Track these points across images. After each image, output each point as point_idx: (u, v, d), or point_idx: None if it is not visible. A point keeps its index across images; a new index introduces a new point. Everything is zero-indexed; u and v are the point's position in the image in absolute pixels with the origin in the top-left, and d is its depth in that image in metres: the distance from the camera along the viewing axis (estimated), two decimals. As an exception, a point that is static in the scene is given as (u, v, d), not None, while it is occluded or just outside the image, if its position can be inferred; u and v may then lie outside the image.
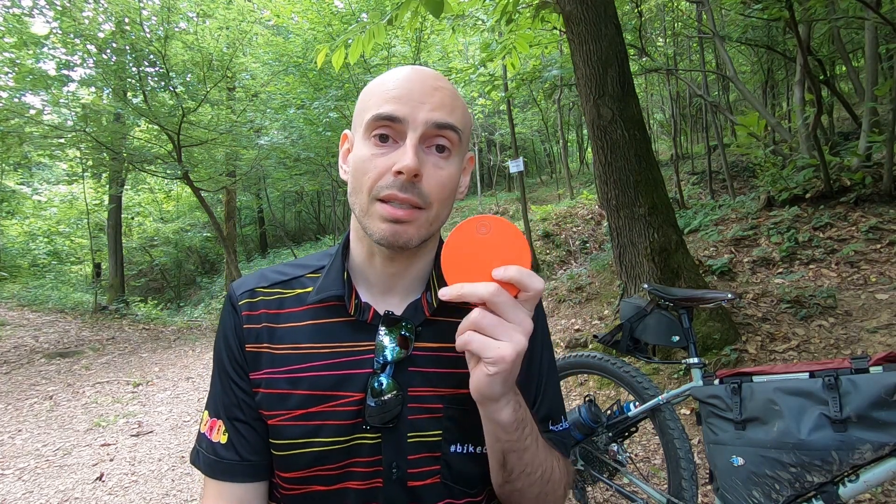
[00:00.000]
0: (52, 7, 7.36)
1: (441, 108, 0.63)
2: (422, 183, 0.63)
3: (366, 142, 0.65)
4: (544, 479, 0.68)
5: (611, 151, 3.36)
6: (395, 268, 0.70)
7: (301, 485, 0.68)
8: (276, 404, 0.68)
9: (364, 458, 0.66)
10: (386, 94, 0.63)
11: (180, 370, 5.96)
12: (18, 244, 15.14)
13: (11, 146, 8.35)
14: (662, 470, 2.46)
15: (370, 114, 0.64)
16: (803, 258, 4.12)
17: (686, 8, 8.90)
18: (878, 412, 1.20)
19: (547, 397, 0.78)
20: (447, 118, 0.64)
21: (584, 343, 4.14)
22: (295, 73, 9.82)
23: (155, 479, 3.16)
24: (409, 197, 0.62)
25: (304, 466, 0.67)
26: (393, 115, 0.62)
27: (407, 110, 0.62)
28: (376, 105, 0.64)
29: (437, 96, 0.64)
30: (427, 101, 0.63)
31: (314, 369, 0.68)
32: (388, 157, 0.63)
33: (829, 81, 5.78)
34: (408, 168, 0.60)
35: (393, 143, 0.64)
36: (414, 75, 0.65)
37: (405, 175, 0.61)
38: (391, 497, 0.67)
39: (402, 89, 0.63)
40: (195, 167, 10.10)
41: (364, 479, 0.66)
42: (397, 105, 0.62)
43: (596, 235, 7.49)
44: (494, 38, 5.64)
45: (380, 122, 0.63)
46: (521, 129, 15.02)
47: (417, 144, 0.62)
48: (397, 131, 0.63)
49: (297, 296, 0.72)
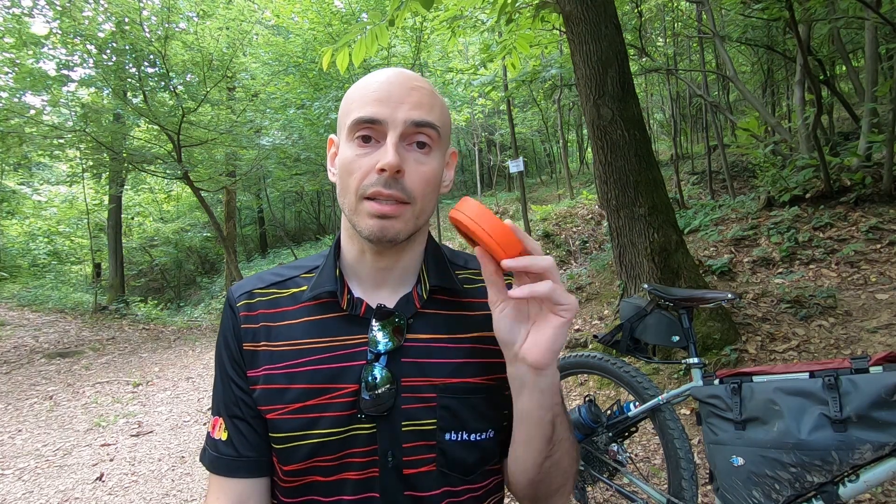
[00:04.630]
0: (52, 7, 7.36)
1: (419, 107, 0.67)
2: (405, 179, 0.66)
3: (350, 144, 0.68)
4: (572, 445, 0.73)
5: (611, 151, 3.36)
6: (384, 262, 0.73)
7: (300, 476, 0.70)
8: (274, 399, 0.70)
9: (360, 448, 0.68)
10: (366, 98, 0.67)
11: (180, 370, 5.96)
12: (18, 244, 15.15)
13: (11, 146, 8.35)
14: (662, 470, 2.46)
15: (352, 117, 0.67)
16: (803, 258, 4.12)
17: (686, 8, 8.90)
18: (878, 412, 1.20)
19: None
20: (426, 116, 0.67)
21: (584, 343, 4.14)
22: (295, 73, 9.83)
23: (155, 479, 3.16)
24: (394, 192, 0.65)
25: (302, 458, 0.68)
26: (373, 118, 0.65)
27: (387, 111, 0.65)
28: (358, 109, 0.67)
29: (415, 96, 0.67)
30: (405, 100, 0.66)
31: (310, 363, 0.70)
32: (371, 157, 0.66)
33: (829, 81, 5.78)
34: (389, 165, 0.63)
35: (375, 143, 0.67)
36: (393, 77, 0.68)
37: (388, 172, 0.64)
38: (388, 486, 0.69)
39: (381, 92, 0.66)
40: (195, 167, 10.10)
41: (361, 469, 0.68)
42: (377, 107, 0.65)
43: (596, 235, 7.49)
44: (494, 39, 5.64)
45: (361, 124, 0.66)
46: (521, 129, 15.02)
47: (398, 142, 0.65)
48: (379, 132, 0.66)
49: (293, 294, 0.75)
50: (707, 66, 7.60)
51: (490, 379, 0.73)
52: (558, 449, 0.70)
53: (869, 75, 4.88)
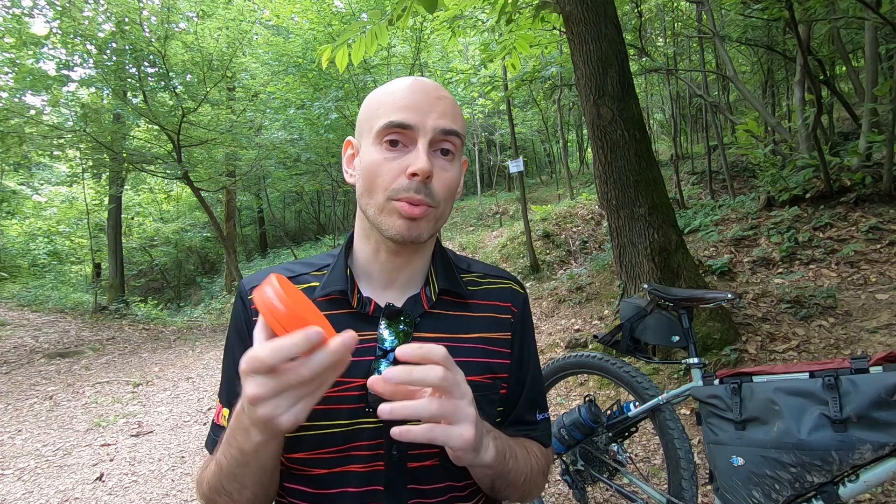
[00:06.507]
0: (52, 7, 7.36)
1: (445, 115, 0.70)
2: (432, 183, 0.69)
3: (377, 147, 0.70)
4: (527, 482, 0.76)
5: (611, 151, 3.36)
6: (398, 262, 0.76)
7: (304, 466, 0.71)
8: None
9: (366, 441, 0.70)
10: (395, 104, 0.70)
11: (180, 370, 5.96)
12: (18, 244, 15.14)
13: (11, 146, 8.35)
14: (662, 470, 2.47)
15: (382, 121, 0.69)
16: (803, 258, 4.12)
17: (686, 8, 8.90)
18: (878, 412, 1.20)
19: (535, 386, 0.85)
20: (452, 125, 0.70)
21: (584, 343, 4.14)
22: (295, 73, 9.81)
23: (155, 479, 3.16)
24: (423, 198, 0.68)
25: (307, 448, 0.70)
26: (405, 123, 0.68)
27: (417, 118, 0.68)
28: (387, 114, 0.69)
29: (442, 105, 0.71)
30: (434, 109, 0.70)
31: None
32: (399, 161, 0.69)
33: (829, 81, 5.78)
34: (422, 170, 0.66)
35: (403, 148, 0.70)
36: (418, 86, 0.72)
37: (420, 176, 0.67)
38: (392, 479, 0.70)
39: (409, 99, 0.70)
40: (195, 167, 10.10)
41: (366, 462, 0.70)
42: (408, 113, 0.68)
43: (596, 235, 7.49)
44: (494, 39, 5.64)
45: (392, 129, 0.69)
46: (521, 129, 15.02)
47: (427, 149, 0.68)
48: (408, 137, 0.69)
49: (304, 290, 0.77)
50: (707, 66, 7.60)
51: (488, 378, 0.76)
52: (506, 491, 0.74)
53: (869, 75, 4.88)
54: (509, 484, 0.73)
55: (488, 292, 0.82)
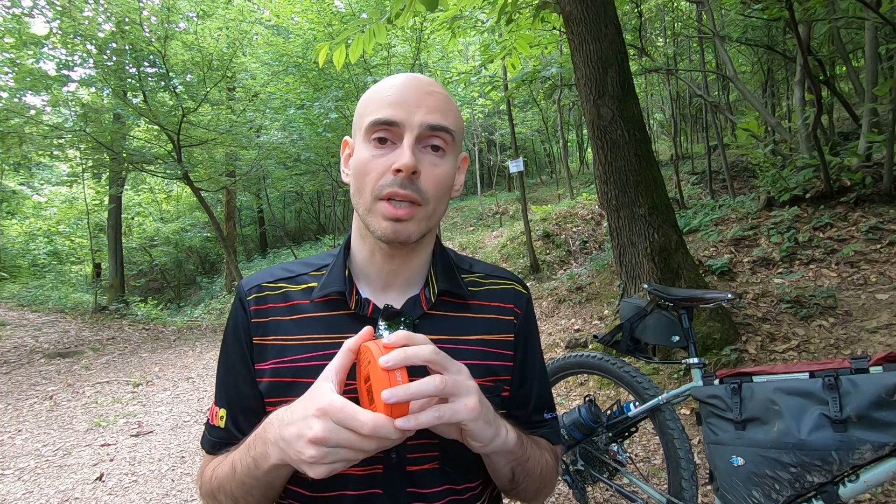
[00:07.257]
0: (52, 7, 7.36)
1: (435, 111, 0.68)
2: (420, 180, 0.67)
3: (366, 145, 0.69)
4: (542, 474, 0.76)
5: (611, 151, 3.36)
6: (394, 264, 0.75)
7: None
8: (282, 392, 0.71)
9: None
10: (383, 101, 0.68)
11: (180, 370, 5.96)
12: (18, 244, 15.14)
13: (11, 146, 8.34)
14: (662, 470, 2.47)
15: (369, 119, 0.68)
16: (803, 258, 4.12)
17: (686, 8, 8.90)
18: (878, 412, 1.20)
19: (542, 386, 0.84)
20: (441, 121, 0.68)
21: (584, 343, 4.14)
22: (295, 73, 9.82)
23: (155, 479, 3.16)
24: (409, 193, 0.66)
25: None
26: (390, 120, 0.67)
27: (403, 114, 0.67)
28: (374, 111, 0.68)
29: (432, 100, 0.69)
30: (422, 105, 0.68)
31: (318, 359, 0.71)
32: (387, 158, 0.67)
33: (829, 81, 5.77)
34: (406, 165, 0.65)
35: (391, 145, 0.68)
36: (409, 82, 0.70)
37: (404, 172, 0.65)
38: (391, 482, 0.70)
39: (398, 95, 0.68)
40: (195, 167, 10.09)
41: (364, 466, 0.69)
42: (394, 110, 0.67)
43: (596, 235, 7.49)
44: (494, 39, 5.65)
45: (378, 126, 0.67)
46: (521, 129, 15.02)
47: (414, 145, 0.67)
48: (395, 134, 0.68)
49: (302, 291, 0.77)
50: (707, 66, 7.60)
51: (490, 381, 0.75)
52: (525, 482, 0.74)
53: (869, 75, 4.87)
54: (528, 474, 0.72)
55: (490, 293, 0.81)
